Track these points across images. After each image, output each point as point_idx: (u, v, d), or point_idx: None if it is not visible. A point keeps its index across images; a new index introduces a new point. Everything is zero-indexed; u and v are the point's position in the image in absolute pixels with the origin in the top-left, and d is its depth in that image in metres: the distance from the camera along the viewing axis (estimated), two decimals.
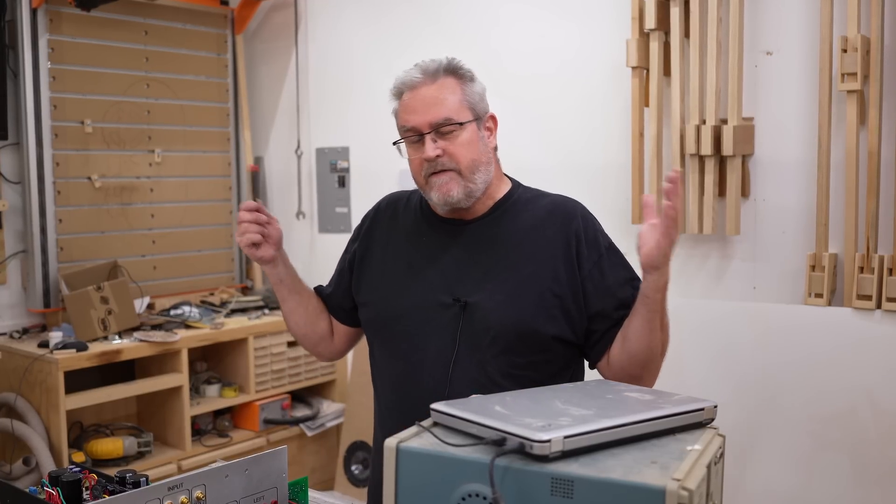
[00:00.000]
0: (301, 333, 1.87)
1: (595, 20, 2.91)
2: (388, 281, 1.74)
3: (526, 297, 1.61)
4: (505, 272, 1.64)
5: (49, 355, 2.86)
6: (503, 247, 1.67)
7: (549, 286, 1.62)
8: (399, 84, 1.68)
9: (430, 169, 1.63)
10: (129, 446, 3.01)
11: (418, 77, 1.65)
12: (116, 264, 3.30)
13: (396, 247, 1.76)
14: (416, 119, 1.63)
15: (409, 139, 1.65)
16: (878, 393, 2.35)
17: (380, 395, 1.79)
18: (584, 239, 1.66)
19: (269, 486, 1.31)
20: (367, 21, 3.57)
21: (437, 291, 1.66)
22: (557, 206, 1.71)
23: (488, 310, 1.61)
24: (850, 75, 2.33)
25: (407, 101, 1.65)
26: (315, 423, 3.51)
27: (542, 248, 1.65)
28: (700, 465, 1.05)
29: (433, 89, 1.63)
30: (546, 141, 3.03)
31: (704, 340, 2.64)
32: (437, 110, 1.62)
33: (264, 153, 4.03)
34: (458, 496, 1.07)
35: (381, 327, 1.74)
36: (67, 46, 3.29)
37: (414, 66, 1.68)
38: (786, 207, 2.56)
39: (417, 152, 1.64)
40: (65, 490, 1.20)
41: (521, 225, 1.68)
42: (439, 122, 1.62)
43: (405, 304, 1.69)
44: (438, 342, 1.63)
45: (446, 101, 1.63)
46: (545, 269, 1.63)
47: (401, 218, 1.80)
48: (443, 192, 1.63)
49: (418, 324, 1.66)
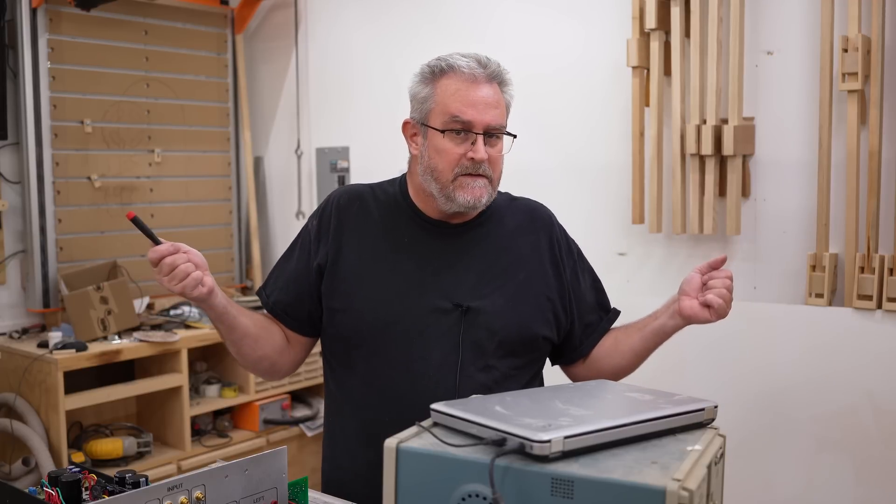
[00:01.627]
0: (259, 355, 1.67)
1: (595, 19, 2.91)
2: (372, 286, 1.61)
3: (525, 301, 1.64)
4: (501, 277, 1.64)
5: (48, 355, 2.86)
6: (494, 251, 1.66)
7: (542, 290, 1.66)
8: (447, 67, 1.57)
9: (468, 169, 1.56)
10: (129, 446, 3.01)
11: (480, 71, 1.56)
12: (116, 264, 3.30)
13: (374, 248, 1.64)
14: (474, 115, 1.54)
15: (454, 130, 1.56)
16: (878, 393, 2.35)
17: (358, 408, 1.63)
18: (562, 245, 1.73)
19: (269, 486, 1.30)
20: (367, 21, 3.56)
21: (434, 297, 1.60)
22: (535, 211, 1.75)
23: (492, 315, 1.60)
24: (850, 75, 2.32)
25: (463, 90, 1.55)
26: (315, 424, 3.51)
27: (531, 253, 1.68)
28: (700, 465, 1.04)
29: (492, 90, 1.57)
30: (546, 141, 3.03)
31: (705, 340, 2.63)
32: (496, 115, 1.57)
33: (264, 153, 4.03)
34: (458, 496, 1.06)
35: (369, 336, 1.60)
36: (67, 46, 3.29)
37: (468, 56, 1.58)
38: (786, 207, 2.56)
39: (460, 147, 1.55)
40: (64, 490, 1.20)
41: (506, 230, 1.69)
42: (495, 127, 1.57)
43: (397, 310, 1.59)
44: (441, 349, 1.58)
45: (501, 107, 1.58)
46: (537, 274, 1.67)
47: (372, 216, 1.66)
48: (474, 196, 1.56)
49: (415, 331, 1.58)
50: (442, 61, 1.59)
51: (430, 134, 1.58)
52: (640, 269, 2.85)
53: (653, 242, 2.82)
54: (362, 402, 1.63)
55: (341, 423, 1.69)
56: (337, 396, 1.69)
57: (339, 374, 1.69)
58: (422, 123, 1.61)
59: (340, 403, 1.68)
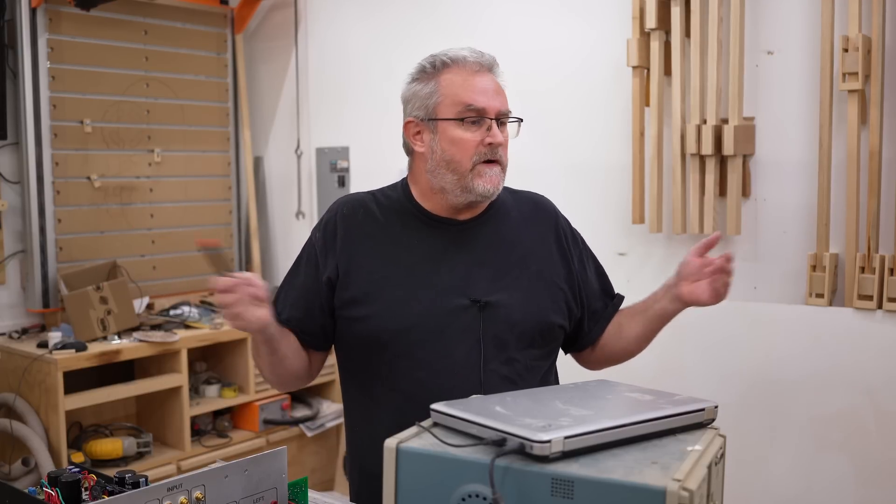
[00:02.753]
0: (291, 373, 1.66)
1: (596, 19, 2.91)
2: (389, 290, 1.61)
3: (541, 292, 1.66)
4: (514, 270, 1.65)
5: (48, 355, 2.85)
6: (504, 245, 1.67)
7: (555, 280, 1.69)
8: (448, 59, 1.60)
9: (487, 156, 1.57)
10: (129, 447, 3.01)
11: (479, 61, 1.60)
12: (116, 264, 3.30)
13: (385, 253, 1.63)
14: (487, 101, 1.57)
15: (469, 118, 1.57)
16: (879, 393, 2.35)
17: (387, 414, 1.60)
18: (567, 234, 1.76)
19: (268, 486, 1.30)
20: (367, 20, 3.56)
21: (450, 294, 1.60)
22: (538, 203, 1.78)
23: (511, 307, 1.61)
24: (851, 75, 2.32)
25: (471, 80, 1.58)
26: (315, 424, 3.51)
27: (539, 244, 1.71)
28: (701, 465, 1.04)
29: (493, 79, 1.61)
30: (546, 140, 3.02)
31: (705, 340, 2.63)
32: (504, 100, 1.61)
33: (264, 153, 4.03)
34: (459, 497, 1.06)
35: (391, 341, 1.59)
36: (67, 46, 3.29)
37: (464, 49, 1.61)
38: (787, 207, 2.56)
39: (476, 135, 1.57)
40: (64, 491, 1.20)
41: (513, 222, 1.70)
42: (505, 113, 1.60)
43: (415, 310, 1.58)
44: (463, 345, 1.58)
45: (504, 94, 1.62)
46: (549, 265, 1.69)
47: (379, 221, 1.66)
48: (492, 184, 1.59)
49: (435, 330, 1.58)
50: (441, 56, 1.61)
51: (441, 127, 1.59)
52: (641, 269, 2.84)
53: (653, 242, 2.82)
54: (391, 407, 1.60)
55: (370, 431, 1.63)
56: (361, 403, 1.68)
57: (362, 381, 1.67)
58: (429, 119, 1.61)
59: (369, 410, 1.65)
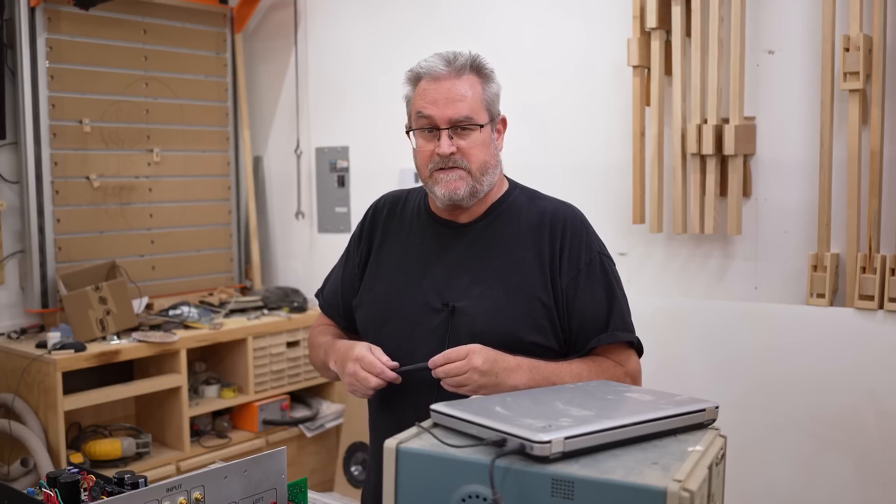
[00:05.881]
0: None
1: (596, 19, 2.90)
2: (380, 283, 1.72)
3: (513, 304, 1.62)
4: (492, 279, 1.64)
5: (47, 356, 2.85)
6: (494, 253, 1.66)
7: (537, 295, 1.63)
8: (419, 71, 1.64)
9: (439, 164, 1.61)
10: (128, 447, 3.00)
11: (443, 69, 1.61)
12: (115, 264, 3.29)
13: (391, 249, 1.75)
14: (435, 111, 1.60)
15: (422, 129, 1.63)
16: (880, 394, 2.35)
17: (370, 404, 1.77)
18: (567, 252, 1.66)
19: (268, 487, 1.30)
20: (366, 20, 3.56)
21: (428, 295, 1.65)
22: (549, 213, 1.69)
23: (475, 317, 1.61)
24: (852, 74, 2.32)
25: (427, 89, 1.62)
26: (314, 424, 3.50)
27: (532, 257, 1.65)
28: (701, 466, 1.04)
29: (457, 84, 1.61)
30: (546, 140, 3.02)
31: (706, 341, 2.63)
32: (459, 107, 1.60)
33: (263, 152, 4.02)
34: (459, 497, 1.06)
35: (372, 331, 1.71)
36: (66, 45, 3.28)
37: (436, 56, 1.63)
38: (787, 207, 2.55)
39: (429, 144, 1.62)
40: (63, 491, 1.20)
41: (513, 231, 1.68)
42: (459, 120, 1.60)
43: (395, 306, 1.68)
44: (427, 346, 1.61)
45: (467, 99, 1.61)
46: (535, 278, 1.64)
47: (398, 219, 1.78)
48: (449, 189, 1.61)
49: (406, 327, 1.65)
50: (417, 66, 1.66)
51: (413, 136, 1.67)
52: (641, 269, 2.84)
53: (654, 242, 2.81)
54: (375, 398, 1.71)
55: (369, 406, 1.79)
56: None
57: None
58: (408, 129, 1.69)
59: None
